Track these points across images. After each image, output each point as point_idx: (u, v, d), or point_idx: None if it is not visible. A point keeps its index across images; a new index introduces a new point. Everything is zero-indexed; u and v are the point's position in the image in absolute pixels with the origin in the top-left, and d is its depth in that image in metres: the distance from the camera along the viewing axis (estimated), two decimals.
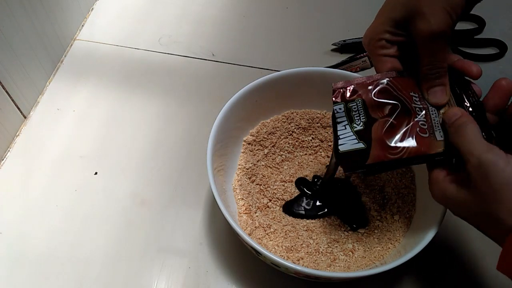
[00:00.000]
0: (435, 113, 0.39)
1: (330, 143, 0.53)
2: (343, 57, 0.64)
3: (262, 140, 0.53)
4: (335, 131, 0.41)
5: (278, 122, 0.53)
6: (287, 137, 0.53)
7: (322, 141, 0.53)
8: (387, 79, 0.41)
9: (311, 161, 0.53)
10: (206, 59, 0.65)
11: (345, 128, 0.40)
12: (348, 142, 0.39)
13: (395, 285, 0.47)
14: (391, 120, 0.39)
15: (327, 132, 0.53)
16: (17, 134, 0.57)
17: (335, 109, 0.41)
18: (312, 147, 0.53)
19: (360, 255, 0.45)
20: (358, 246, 0.46)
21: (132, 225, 0.50)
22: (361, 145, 0.39)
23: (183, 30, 0.68)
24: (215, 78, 0.63)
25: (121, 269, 0.47)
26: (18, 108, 0.56)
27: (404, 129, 0.38)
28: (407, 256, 0.39)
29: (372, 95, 0.40)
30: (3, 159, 0.54)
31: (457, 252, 0.48)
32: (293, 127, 0.53)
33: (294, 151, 0.53)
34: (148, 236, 0.49)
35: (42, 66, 0.60)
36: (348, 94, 0.41)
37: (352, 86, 0.41)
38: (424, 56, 0.39)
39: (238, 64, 0.64)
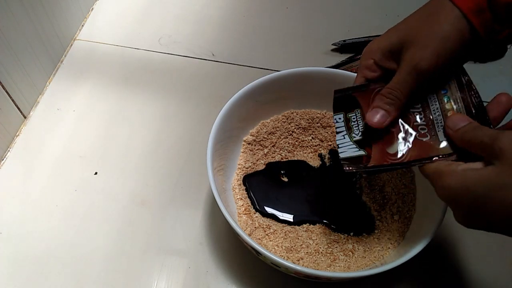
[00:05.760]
0: (438, 112, 0.39)
1: (330, 143, 0.53)
2: (343, 57, 0.64)
3: (262, 140, 0.53)
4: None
5: (278, 122, 0.53)
6: (287, 137, 0.53)
7: (322, 141, 0.53)
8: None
9: (311, 158, 0.53)
10: (206, 59, 0.65)
11: (344, 138, 0.41)
12: (349, 150, 0.40)
13: (395, 285, 0.47)
14: (389, 128, 0.39)
15: (327, 132, 0.53)
16: (17, 134, 0.57)
17: (335, 119, 0.42)
18: (312, 146, 0.53)
19: (360, 255, 0.45)
20: (358, 246, 0.46)
21: (132, 225, 0.50)
22: (362, 153, 0.39)
23: (183, 30, 0.68)
24: (215, 78, 0.63)
25: (121, 269, 0.47)
26: (18, 108, 0.56)
27: (403, 136, 0.39)
28: (407, 256, 0.39)
29: (370, 105, 0.41)
30: (3, 159, 0.54)
31: (456, 252, 0.48)
32: (293, 127, 0.53)
33: (294, 151, 0.53)
34: (148, 236, 0.49)
35: (42, 66, 0.60)
36: (348, 104, 0.42)
37: (353, 95, 0.42)
38: (393, 80, 0.39)
39: (238, 64, 0.64)
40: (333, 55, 0.66)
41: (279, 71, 0.50)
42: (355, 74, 0.50)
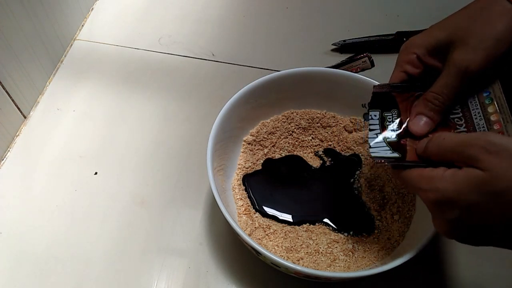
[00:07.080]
0: (480, 115, 0.36)
1: (330, 143, 0.53)
2: (343, 57, 0.64)
3: (262, 140, 0.53)
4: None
5: (278, 122, 0.53)
6: (287, 137, 0.53)
7: (322, 141, 0.53)
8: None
9: (311, 158, 0.53)
10: (206, 59, 0.65)
11: (377, 137, 0.39)
12: (381, 151, 0.38)
13: (395, 285, 0.47)
14: (428, 134, 0.37)
15: (327, 132, 0.53)
16: (17, 134, 0.57)
17: (370, 115, 0.40)
18: (312, 146, 0.53)
19: (360, 255, 0.45)
20: (358, 246, 0.46)
21: (132, 225, 0.50)
22: (395, 155, 0.37)
23: (183, 30, 0.68)
24: (215, 78, 0.63)
25: (121, 269, 0.47)
26: (18, 108, 0.56)
27: None
28: (407, 256, 0.39)
29: (410, 108, 0.39)
30: (3, 159, 0.54)
31: (456, 252, 0.48)
32: (293, 127, 0.53)
33: (294, 151, 0.53)
34: (148, 236, 0.49)
35: (42, 66, 0.60)
36: (385, 102, 0.40)
37: (393, 94, 0.40)
38: (438, 83, 0.36)
39: (238, 64, 0.64)
40: (333, 55, 0.66)
41: (279, 71, 0.50)
42: (355, 74, 0.50)
